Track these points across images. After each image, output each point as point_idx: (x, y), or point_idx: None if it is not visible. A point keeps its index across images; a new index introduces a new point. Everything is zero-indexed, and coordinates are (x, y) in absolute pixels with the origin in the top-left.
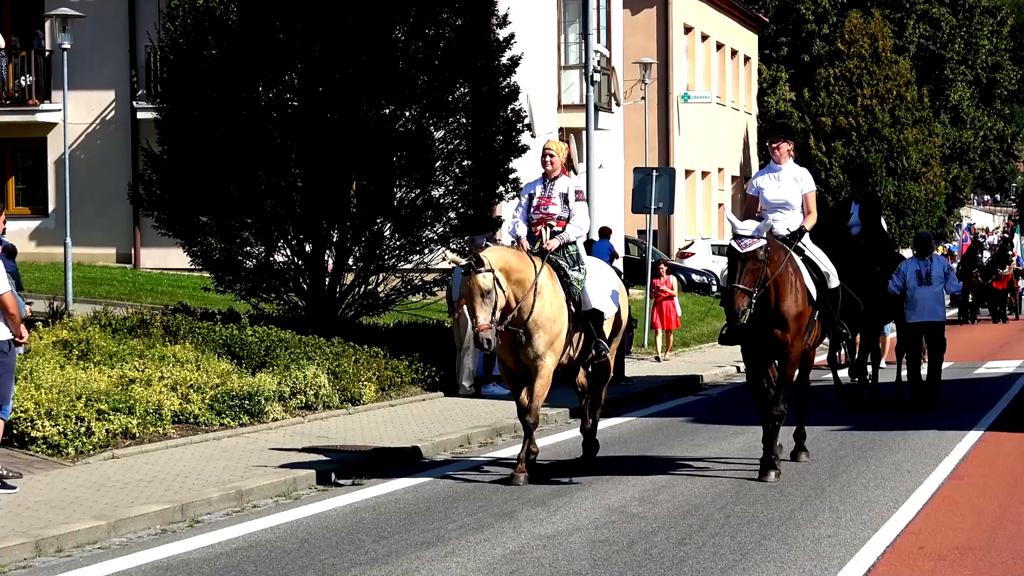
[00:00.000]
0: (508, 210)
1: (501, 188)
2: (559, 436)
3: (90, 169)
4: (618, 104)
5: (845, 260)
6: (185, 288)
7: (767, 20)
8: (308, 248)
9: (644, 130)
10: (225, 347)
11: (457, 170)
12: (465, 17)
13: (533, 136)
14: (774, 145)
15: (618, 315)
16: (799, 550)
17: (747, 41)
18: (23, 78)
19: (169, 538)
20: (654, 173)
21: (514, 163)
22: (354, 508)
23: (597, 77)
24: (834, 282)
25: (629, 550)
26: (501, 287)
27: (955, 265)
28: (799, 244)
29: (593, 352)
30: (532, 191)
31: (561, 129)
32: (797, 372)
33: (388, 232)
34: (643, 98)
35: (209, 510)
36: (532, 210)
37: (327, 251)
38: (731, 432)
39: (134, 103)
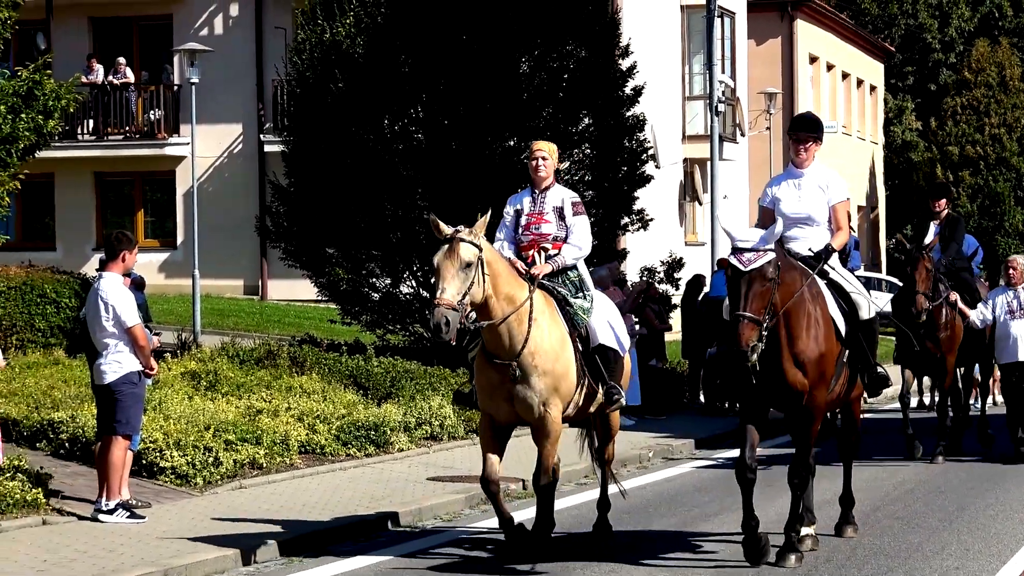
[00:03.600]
0: (632, 241)
1: (626, 219)
2: (676, 469)
3: (218, 202)
4: (743, 134)
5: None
6: (311, 319)
7: (893, 49)
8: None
9: (769, 160)
10: (351, 378)
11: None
12: (589, 48)
13: (658, 167)
14: (803, 145)
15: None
16: None
17: (873, 70)
18: (152, 112)
19: (296, 568)
20: None
21: (639, 193)
22: (480, 539)
23: (722, 107)
24: (866, 312)
25: None
26: (484, 273)
27: None
28: (823, 267)
29: (603, 399)
30: (518, 205)
31: (685, 160)
32: (847, 425)
33: None
34: (768, 128)
35: (336, 540)
36: (521, 230)
37: None
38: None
39: (261, 136)
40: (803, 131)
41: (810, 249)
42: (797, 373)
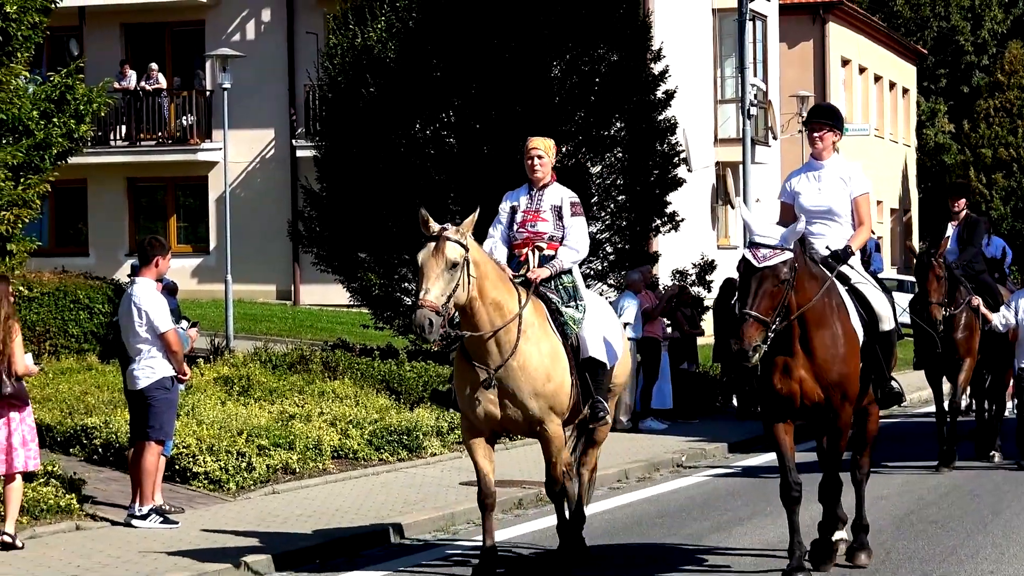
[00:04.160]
0: (664, 244)
1: (657, 222)
2: (709, 473)
3: (250, 207)
4: (775, 138)
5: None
6: (344, 324)
7: (925, 52)
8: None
9: (801, 163)
10: (384, 383)
11: (613, 205)
12: (621, 52)
13: (690, 170)
14: (817, 134)
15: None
16: None
17: (905, 73)
18: (184, 118)
19: (329, 574)
20: None
21: (671, 197)
22: (509, 542)
23: (754, 111)
24: (887, 324)
25: None
26: (469, 275)
27: None
28: (843, 270)
29: (587, 413)
30: (515, 202)
31: (718, 163)
32: (859, 437)
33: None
34: (800, 131)
35: (369, 545)
36: (516, 227)
37: None
38: (886, 471)
39: (293, 141)
40: (817, 119)
41: (828, 247)
42: (816, 388)
